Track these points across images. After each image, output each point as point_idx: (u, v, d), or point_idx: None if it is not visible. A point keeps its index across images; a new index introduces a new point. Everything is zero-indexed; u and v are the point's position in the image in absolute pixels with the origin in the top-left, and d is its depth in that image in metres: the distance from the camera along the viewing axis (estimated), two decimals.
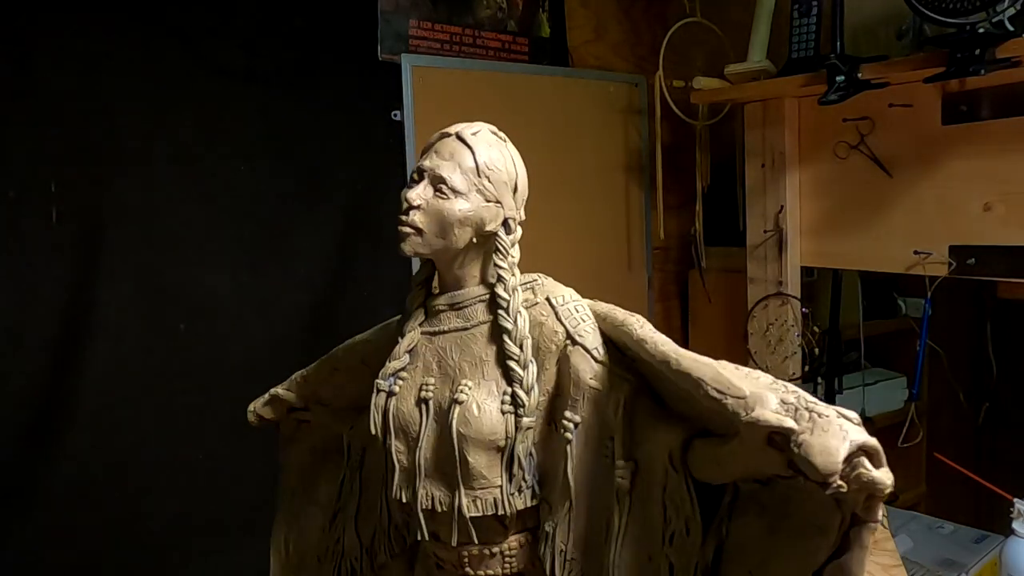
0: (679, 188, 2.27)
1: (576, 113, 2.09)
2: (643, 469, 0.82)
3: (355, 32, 1.74)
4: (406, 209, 0.89)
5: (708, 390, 0.70)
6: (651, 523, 0.80)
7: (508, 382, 0.89)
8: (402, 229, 0.89)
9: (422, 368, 0.95)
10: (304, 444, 1.21)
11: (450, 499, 0.90)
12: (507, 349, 0.89)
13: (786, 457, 0.66)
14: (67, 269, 1.43)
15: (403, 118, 1.79)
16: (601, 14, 2.20)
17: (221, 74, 1.56)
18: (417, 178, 0.91)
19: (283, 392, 1.16)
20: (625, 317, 0.85)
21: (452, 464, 0.89)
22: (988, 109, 1.52)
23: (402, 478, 0.94)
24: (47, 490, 1.42)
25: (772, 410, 0.66)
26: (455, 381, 0.92)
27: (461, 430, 0.88)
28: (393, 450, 0.94)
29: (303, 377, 1.15)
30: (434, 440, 0.92)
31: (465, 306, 0.94)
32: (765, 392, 0.68)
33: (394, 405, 0.94)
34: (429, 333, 0.96)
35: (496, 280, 0.92)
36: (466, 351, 0.92)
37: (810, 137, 1.82)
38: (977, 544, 1.63)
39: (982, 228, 1.54)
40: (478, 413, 0.89)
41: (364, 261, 1.76)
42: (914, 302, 1.94)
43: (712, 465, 0.76)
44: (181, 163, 1.53)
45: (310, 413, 1.18)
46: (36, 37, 1.38)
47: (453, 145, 0.92)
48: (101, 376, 1.45)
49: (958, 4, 1.33)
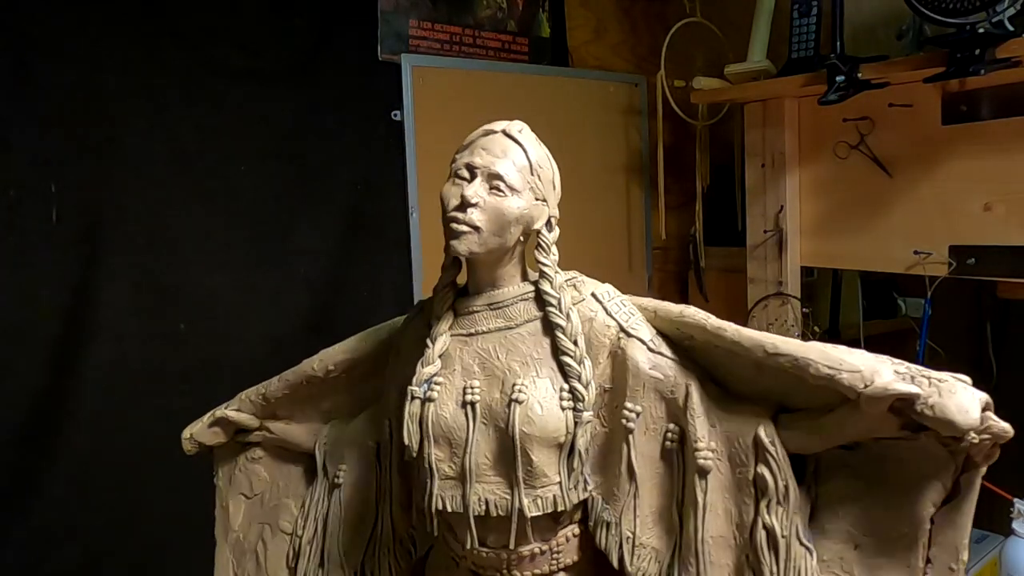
0: (679, 188, 2.27)
1: (576, 113, 2.09)
2: (724, 449, 0.85)
3: (355, 32, 1.74)
4: (462, 207, 0.87)
5: (819, 368, 0.75)
6: (739, 497, 0.84)
7: (564, 378, 0.89)
8: (457, 227, 0.87)
9: (460, 371, 0.92)
10: (250, 469, 1.16)
11: (508, 501, 0.89)
12: (562, 345, 0.89)
13: (902, 420, 0.73)
14: (67, 269, 1.43)
15: (403, 118, 1.79)
16: (601, 14, 2.20)
17: (221, 74, 1.57)
18: (468, 175, 0.88)
19: (233, 413, 1.12)
20: (682, 308, 0.89)
21: (509, 465, 0.88)
22: (988, 109, 1.52)
23: (445, 486, 0.90)
24: (47, 490, 1.42)
25: (892, 379, 0.72)
26: (505, 382, 0.90)
27: (524, 429, 0.87)
28: (432, 458, 0.90)
29: (261, 395, 1.11)
30: (485, 443, 0.89)
31: (506, 305, 0.93)
32: (878, 364, 0.74)
33: (432, 411, 0.90)
34: (462, 335, 0.94)
35: (540, 277, 0.92)
36: (514, 350, 0.91)
37: (810, 137, 1.82)
38: (977, 544, 1.63)
39: (982, 228, 1.54)
40: (541, 412, 0.87)
41: (364, 261, 1.76)
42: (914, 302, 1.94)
43: (807, 436, 0.81)
44: (181, 163, 1.53)
45: (261, 434, 1.14)
46: (36, 37, 1.38)
47: (504, 142, 0.90)
48: (101, 376, 1.45)
49: (958, 4, 1.33)
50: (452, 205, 0.88)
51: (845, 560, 0.81)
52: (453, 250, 0.88)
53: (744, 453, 0.84)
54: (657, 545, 0.90)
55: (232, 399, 1.15)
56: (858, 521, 0.81)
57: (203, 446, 1.14)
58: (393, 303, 1.81)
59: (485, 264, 0.92)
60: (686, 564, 0.87)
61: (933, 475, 0.76)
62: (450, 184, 0.90)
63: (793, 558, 0.82)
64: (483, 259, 0.91)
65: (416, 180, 1.80)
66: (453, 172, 0.90)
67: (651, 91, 2.20)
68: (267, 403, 1.11)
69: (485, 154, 0.89)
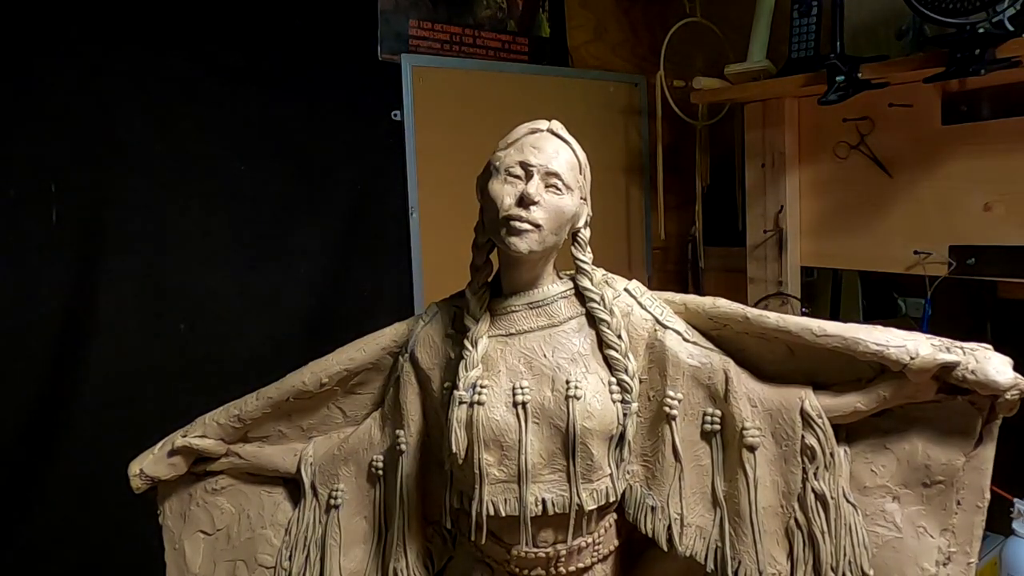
0: (679, 188, 2.27)
1: (576, 113, 2.09)
2: (767, 426, 0.91)
3: (355, 32, 1.74)
4: (524, 204, 0.87)
5: (868, 345, 0.85)
6: (785, 469, 0.90)
7: (610, 371, 0.91)
8: (519, 225, 0.87)
9: (506, 372, 0.92)
10: (210, 502, 1.08)
11: (565, 498, 0.89)
12: (608, 339, 0.91)
13: (939, 384, 0.85)
14: (67, 269, 1.42)
15: (403, 118, 1.79)
16: (601, 14, 2.20)
17: (221, 74, 1.56)
18: (523, 174, 0.88)
19: (197, 440, 1.04)
20: (713, 300, 0.96)
21: (565, 461, 0.89)
22: (988, 109, 1.52)
23: (495, 490, 0.89)
24: (47, 490, 1.42)
25: (932, 351, 0.83)
26: (556, 379, 0.90)
27: (585, 425, 0.88)
28: (483, 463, 0.89)
29: (235, 416, 1.04)
30: (539, 442, 0.89)
31: (547, 304, 0.93)
32: (918, 338, 0.85)
33: (482, 415, 0.89)
34: (501, 336, 0.93)
35: (577, 274, 0.94)
36: (560, 348, 0.92)
37: (810, 137, 1.82)
38: None
39: (982, 228, 1.54)
40: (599, 406, 0.89)
41: (364, 261, 1.76)
42: (914, 302, 1.93)
43: (851, 407, 0.89)
44: (181, 163, 1.53)
45: (228, 460, 1.07)
46: (36, 37, 1.38)
47: (554, 141, 0.91)
48: (101, 376, 1.45)
49: (958, 4, 1.33)
50: (508, 203, 0.87)
51: (887, 512, 0.89)
52: (513, 248, 0.88)
53: (790, 427, 0.90)
54: (701, 523, 0.93)
55: (192, 424, 1.06)
56: (894, 477, 0.89)
57: (156, 481, 1.05)
58: (393, 303, 1.81)
59: (530, 263, 0.93)
60: (740, 536, 0.91)
61: (963, 429, 0.86)
62: (501, 183, 0.89)
63: (843, 515, 0.89)
64: (532, 258, 0.91)
65: (416, 180, 1.80)
66: (502, 170, 0.89)
67: (651, 91, 2.20)
68: (241, 425, 1.05)
69: (539, 153, 0.89)
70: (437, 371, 0.98)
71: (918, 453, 0.88)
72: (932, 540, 0.88)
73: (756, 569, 0.89)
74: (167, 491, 1.09)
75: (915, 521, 0.88)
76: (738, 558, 0.91)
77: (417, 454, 1.01)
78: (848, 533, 0.89)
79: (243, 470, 1.09)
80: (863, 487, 0.90)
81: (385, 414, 1.05)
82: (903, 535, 0.89)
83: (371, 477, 1.04)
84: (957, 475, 0.87)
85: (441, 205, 1.84)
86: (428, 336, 0.99)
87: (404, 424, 1.00)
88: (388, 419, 1.04)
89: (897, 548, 0.88)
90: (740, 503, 0.91)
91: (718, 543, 0.92)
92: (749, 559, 0.90)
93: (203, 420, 1.07)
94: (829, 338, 0.87)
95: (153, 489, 1.09)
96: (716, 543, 0.92)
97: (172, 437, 1.06)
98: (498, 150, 0.92)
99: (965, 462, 0.87)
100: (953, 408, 0.87)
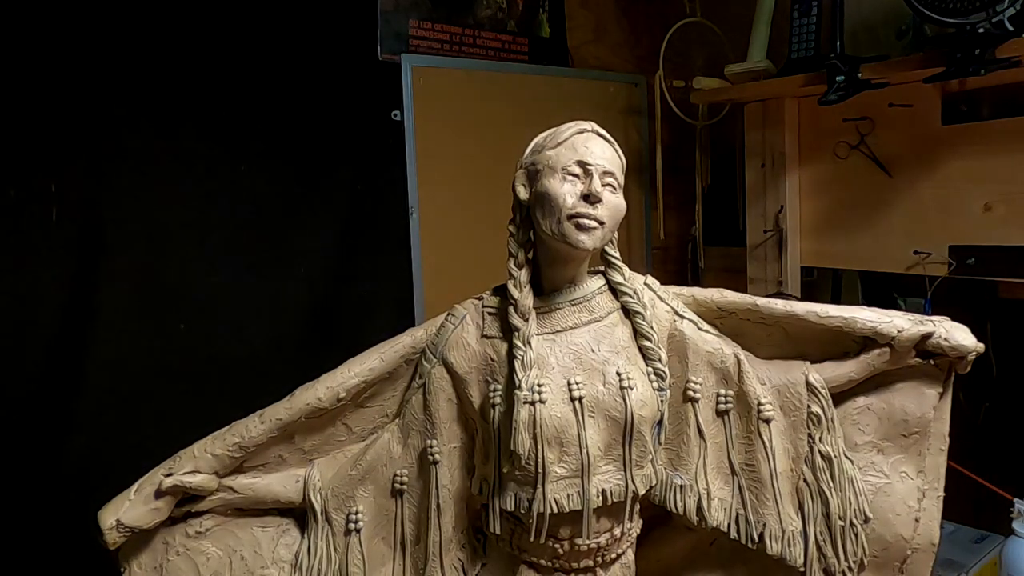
0: (679, 188, 2.27)
1: (576, 113, 2.06)
2: (775, 400, 0.99)
3: (355, 32, 1.74)
4: (590, 202, 0.89)
5: (864, 323, 0.98)
6: (794, 437, 0.99)
7: (646, 361, 0.95)
8: (588, 223, 0.90)
9: (559, 368, 0.93)
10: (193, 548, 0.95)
11: (621, 486, 0.93)
12: (643, 331, 0.96)
13: (916, 350, 0.99)
14: (67, 269, 1.43)
15: (403, 118, 1.79)
16: (601, 14, 2.20)
17: (221, 74, 1.56)
18: (581, 172, 0.91)
19: (190, 478, 0.91)
20: (720, 291, 1.04)
21: (620, 450, 0.92)
22: (988, 109, 1.52)
23: (558, 486, 0.91)
24: (47, 490, 1.42)
25: (911, 324, 0.97)
26: (605, 372, 0.93)
27: (641, 413, 0.92)
28: (546, 461, 0.90)
29: (236, 444, 0.93)
30: (596, 435, 0.92)
31: (588, 299, 0.97)
32: (895, 314, 0.99)
33: (544, 413, 0.90)
34: (547, 333, 0.95)
35: (608, 269, 0.99)
36: (606, 341, 0.95)
37: (810, 137, 1.82)
38: (977, 544, 1.63)
39: (982, 228, 1.54)
40: (649, 395, 0.94)
41: (364, 261, 1.76)
42: (914, 302, 1.93)
43: (847, 377, 1.00)
44: (181, 163, 1.53)
45: (219, 497, 0.95)
46: (36, 37, 1.38)
47: (602, 142, 0.94)
48: (101, 376, 1.45)
49: (958, 4, 1.33)
50: (573, 201, 0.90)
51: (875, 463, 1.03)
52: (581, 245, 0.90)
53: (797, 399, 0.99)
54: (722, 496, 0.99)
55: (177, 457, 0.93)
56: (877, 432, 1.02)
57: (135, 531, 0.91)
58: (393, 303, 1.81)
59: (577, 260, 0.96)
60: (763, 500, 0.98)
61: (931, 387, 1.01)
62: (560, 181, 0.91)
63: (845, 471, 1.00)
64: (584, 255, 0.95)
65: (416, 180, 1.80)
66: (558, 169, 0.91)
67: (651, 91, 2.20)
68: (242, 454, 0.94)
69: (593, 152, 0.92)
70: (474, 374, 0.97)
71: (896, 411, 1.02)
72: (912, 481, 1.02)
73: (780, 528, 0.98)
74: (135, 542, 0.93)
75: (898, 468, 1.02)
76: (762, 521, 0.98)
77: (449, 462, 0.99)
78: (850, 486, 1.00)
79: (233, 506, 0.98)
80: (854, 444, 1.03)
81: (407, 425, 1.00)
82: (891, 480, 1.02)
83: (392, 494, 1.00)
84: (929, 426, 1.02)
85: (441, 205, 1.84)
86: (461, 340, 0.98)
87: (436, 433, 0.98)
88: (412, 429, 1.00)
89: (888, 492, 1.02)
90: (760, 471, 0.98)
91: (739, 511, 0.99)
92: (773, 520, 0.98)
93: (191, 452, 0.94)
94: (832, 318, 0.99)
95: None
96: (738, 511, 0.99)
97: (151, 476, 0.93)
98: (544, 149, 0.94)
99: (934, 414, 1.02)
100: (921, 371, 1.01)
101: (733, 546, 1.02)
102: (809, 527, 0.99)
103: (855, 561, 1.00)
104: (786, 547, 0.98)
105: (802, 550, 0.99)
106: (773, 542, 0.98)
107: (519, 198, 0.96)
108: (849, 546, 0.99)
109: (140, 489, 0.92)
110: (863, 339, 1.00)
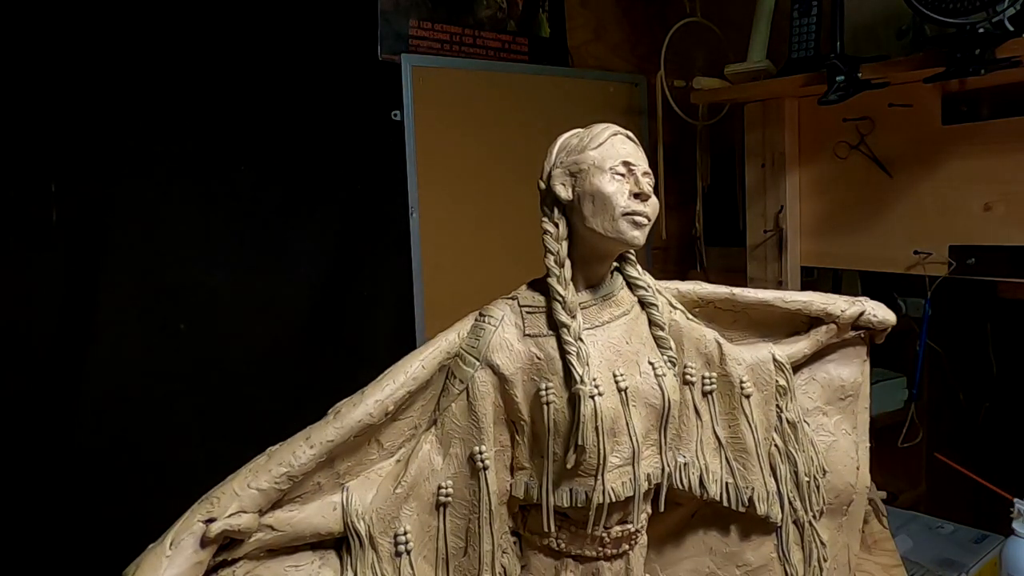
0: (679, 188, 2.27)
1: (576, 113, 2.08)
2: (751, 378, 1.09)
3: (355, 32, 1.74)
4: (643, 199, 0.94)
5: (818, 305, 1.13)
6: (766, 409, 1.10)
7: (660, 349, 1.01)
8: (641, 219, 0.94)
9: (603, 362, 0.97)
10: None
11: (659, 469, 1.00)
12: (658, 321, 1.02)
13: (852, 325, 1.15)
14: (67, 269, 1.43)
15: (403, 118, 1.79)
16: (601, 14, 2.20)
17: (221, 74, 1.57)
18: (626, 172, 0.95)
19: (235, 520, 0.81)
20: (698, 283, 1.13)
21: (657, 435, 0.99)
22: (988, 109, 1.52)
23: (613, 476, 0.95)
24: (47, 490, 1.42)
25: (849, 304, 1.14)
26: (639, 362, 0.98)
27: (674, 398, 0.99)
28: (606, 452, 0.94)
29: (284, 475, 0.84)
30: (640, 423, 0.97)
31: (615, 295, 1.01)
32: (836, 297, 1.14)
33: (603, 406, 0.93)
34: (588, 328, 0.98)
35: (622, 264, 1.04)
36: (635, 333, 1.00)
37: (810, 137, 1.82)
38: (977, 544, 1.63)
39: (982, 228, 1.54)
40: (674, 382, 1.01)
41: (364, 261, 1.76)
42: (914, 302, 1.94)
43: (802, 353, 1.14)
44: (181, 163, 1.53)
45: (258, 538, 0.84)
46: (36, 38, 1.38)
47: (632, 143, 0.99)
48: (101, 376, 1.45)
49: (958, 4, 1.33)
50: (624, 200, 0.93)
51: (823, 425, 1.17)
52: (635, 241, 0.95)
53: (767, 375, 1.10)
54: (715, 468, 1.07)
55: (213, 498, 0.82)
56: (821, 397, 1.18)
57: None
58: (393, 303, 1.81)
59: (612, 257, 1.01)
60: (749, 468, 1.07)
61: (858, 355, 1.19)
62: (610, 180, 0.94)
63: (806, 432, 1.13)
64: (620, 251, 1.00)
65: (416, 180, 1.80)
66: (606, 169, 0.95)
67: (651, 91, 2.20)
68: (290, 485, 0.84)
69: (632, 153, 0.97)
70: (520, 375, 0.96)
71: (834, 378, 1.18)
72: (850, 436, 1.18)
73: (765, 491, 1.09)
74: None
75: (840, 426, 1.18)
76: (750, 486, 1.08)
77: (495, 467, 0.97)
78: (811, 446, 1.13)
79: (267, 547, 0.87)
80: (806, 410, 1.16)
81: (448, 434, 0.96)
82: (837, 438, 1.17)
83: (436, 507, 0.96)
84: (860, 388, 1.18)
85: (441, 205, 1.84)
86: (503, 341, 0.96)
87: (484, 438, 0.96)
88: (454, 438, 0.96)
89: (835, 448, 1.17)
90: (746, 442, 1.08)
91: (728, 480, 1.08)
92: (759, 484, 1.08)
93: (231, 491, 0.83)
94: (795, 303, 1.13)
95: None
96: (727, 480, 1.08)
97: (186, 524, 0.82)
98: (586, 150, 0.98)
99: (862, 378, 1.19)
100: (850, 342, 1.18)
101: (710, 513, 1.11)
102: (782, 487, 1.10)
103: (818, 510, 1.13)
104: (769, 507, 1.09)
105: (778, 508, 1.10)
106: (760, 504, 1.08)
107: (559, 197, 0.97)
108: (814, 498, 1.12)
109: (177, 542, 0.82)
110: (810, 319, 1.15)
